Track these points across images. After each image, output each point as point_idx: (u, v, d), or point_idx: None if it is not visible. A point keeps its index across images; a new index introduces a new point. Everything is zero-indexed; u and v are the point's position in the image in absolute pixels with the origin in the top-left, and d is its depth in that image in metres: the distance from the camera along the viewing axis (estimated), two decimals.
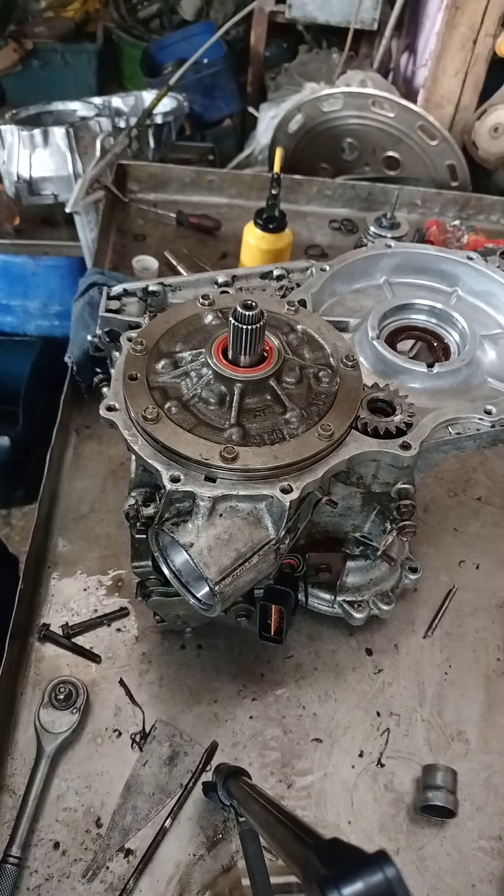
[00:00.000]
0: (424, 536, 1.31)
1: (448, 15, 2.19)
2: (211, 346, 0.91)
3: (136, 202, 2.07)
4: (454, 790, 0.99)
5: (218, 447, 0.83)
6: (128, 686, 1.10)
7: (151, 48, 3.68)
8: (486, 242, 1.77)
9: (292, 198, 2.05)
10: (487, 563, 1.30)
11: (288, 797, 1.02)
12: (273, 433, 0.88)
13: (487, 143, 2.27)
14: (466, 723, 1.10)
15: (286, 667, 1.14)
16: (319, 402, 0.92)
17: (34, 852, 0.95)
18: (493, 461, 1.47)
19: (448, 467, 1.43)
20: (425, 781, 1.01)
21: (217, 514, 0.83)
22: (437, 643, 1.19)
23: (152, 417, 0.86)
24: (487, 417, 0.95)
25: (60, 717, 1.03)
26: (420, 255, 1.18)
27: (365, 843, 0.84)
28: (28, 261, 2.17)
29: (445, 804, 0.97)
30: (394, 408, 0.94)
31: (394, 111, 2.21)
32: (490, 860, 0.99)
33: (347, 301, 1.16)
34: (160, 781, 1.01)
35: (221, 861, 0.96)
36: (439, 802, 0.97)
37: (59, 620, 1.16)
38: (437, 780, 0.99)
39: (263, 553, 0.84)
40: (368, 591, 1.11)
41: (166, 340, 0.97)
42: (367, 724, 1.09)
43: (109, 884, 0.93)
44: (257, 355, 0.90)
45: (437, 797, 0.98)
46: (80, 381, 1.40)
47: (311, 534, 1.04)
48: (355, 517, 1.01)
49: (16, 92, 3.69)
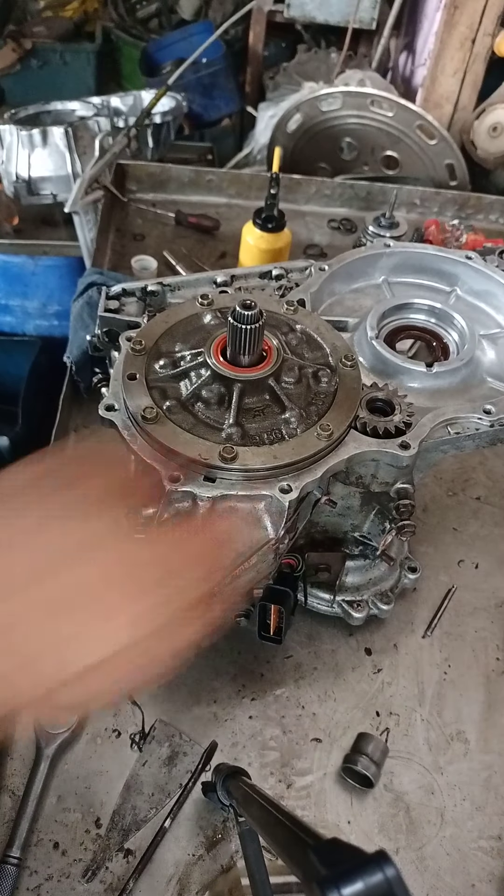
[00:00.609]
0: (424, 536, 1.31)
1: (447, 14, 2.19)
2: (210, 346, 0.91)
3: (135, 202, 2.07)
4: (380, 762, 1.03)
5: (217, 447, 0.83)
6: None
7: (150, 48, 3.68)
8: (484, 242, 1.77)
9: (291, 197, 2.05)
10: (487, 563, 1.30)
11: (287, 797, 1.02)
12: (272, 433, 0.88)
13: (486, 142, 2.27)
14: (466, 722, 1.11)
15: (285, 667, 1.14)
16: (318, 401, 0.92)
17: (34, 852, 0.95)
18: (493, 461, 1.47)
19: (447, 467, 1.43)
20: (356, 747, 1.04)
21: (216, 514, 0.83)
22: (437, 643, 1.19)
23: (151, 417, 0.86)
24: (487, 417, 0.95)
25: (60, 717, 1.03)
26: (419, 255, 1.18)
27: (365, 843, 0.84)
28: (27, 261, 2.17)
29: (365, 771, 1.00)
30: (393, 407, 0.94)
31: (392, 110, 2.21)
32: (490, 860, 0.99)
33: (346, 301, 1.16)
34: (160, 781, 1.01)
35: (221, 861, 0.96)
36: (361, 769, 1.01)
37: None
38: (367, 749, 1.02)
39: (262, 553, 0.84)
40: (368, 590, 1.11)
41: (165, 340, 0.97)
42: (366, 724, 1.09)
43: (109, 884, 0.93)
44: (256, 355, 0.90)
45: (361, 763, 1.01)
46: (79, 381, 1.40)
47: (310, 533, 1.04)
48: (354, 517, 1.01)
49: (14, 92, 3.68)
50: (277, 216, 1.62)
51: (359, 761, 1.01)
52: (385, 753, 1.04)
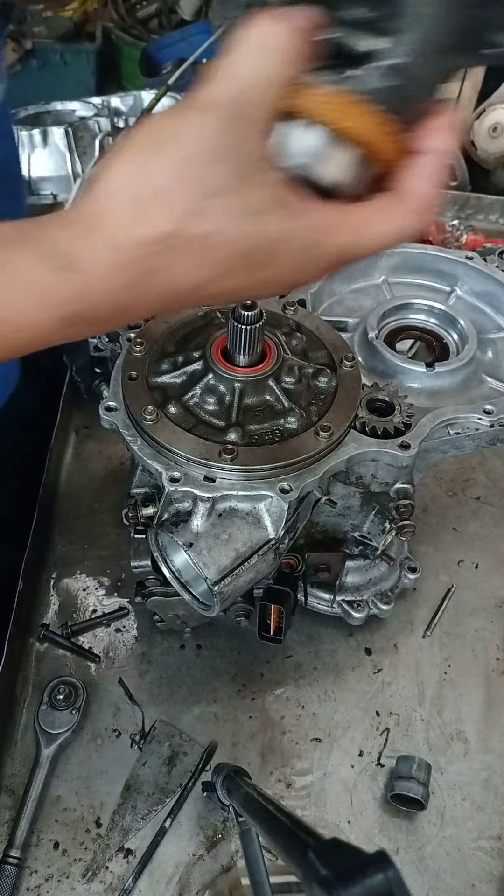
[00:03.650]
0: (423, 536, 1.31)
1: None
2: (210, 346, 0.91)
3: None
4: (426, 782, 0.99)
5: (217, 447, 0.83)
6: (127, 686, 1.10)
7: (150, 48, 3.67)
8: (484, 242, 1.77)
9: None
10: (486, 563, 1.30)
11: (288, 797, 1.02)
12: (272, 433, 0.88)
13: (486, 142, 2.26)
14: (466, 722, 1.10)
15: (285, 666, 1.14)
16: (318, 401, 0.92)
17: (34, 852, 0.95)
18: (492, 461, 1.47)
19: (447, 467, 1.43)
20: (398, 772, 1.00)
21: (216, 514, 0.83)
22: (437, 643, 1.19)
23: (152, 417, 0.86)
24: (486, 417, 0.95)
25: (60, 717, 1.03)
26: (419, 255, 1.18)
27: (365, 843, 0.84)
28: None
29: (417, 796, 0.97)
30: (393, 407, 0.94)
31: None
32: (490, 860, 0.99)
33: (346, 301, 1.16)
34: (160, 781, 1.01)
35: (221, 861, 0.96)
36: (410, 793, 0.97)
37: (59, 620, 1.16)
38: (410, 771, 0.99)
39: (263, 553, 0.84)
40: (367, 590, 1.11)
41: (166, 340, 0.97)
42: (366, 724, 1.09)
43: (109, 884, 0.93)
44: (257, 355, 0.90)
45: (410, 788, 0.97)
46: (79, 381, 1.40)
47: (310, 533, 1.04)
48: (354, 517, 1.01)
49: (14, 92, 3.68)
50: None
51: (411, 788, 0.97)
52: (429, 770, 1.00)
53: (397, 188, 0.57)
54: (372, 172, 0.58)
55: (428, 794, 0.99)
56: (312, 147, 0.55)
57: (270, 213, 0.52)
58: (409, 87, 0.56)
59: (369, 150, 0.56)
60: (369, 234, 0.56)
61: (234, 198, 0.51)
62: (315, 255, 0.55)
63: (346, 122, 0.55)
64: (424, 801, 0.98)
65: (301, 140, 0.55)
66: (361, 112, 0.55)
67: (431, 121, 0.57)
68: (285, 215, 0.53)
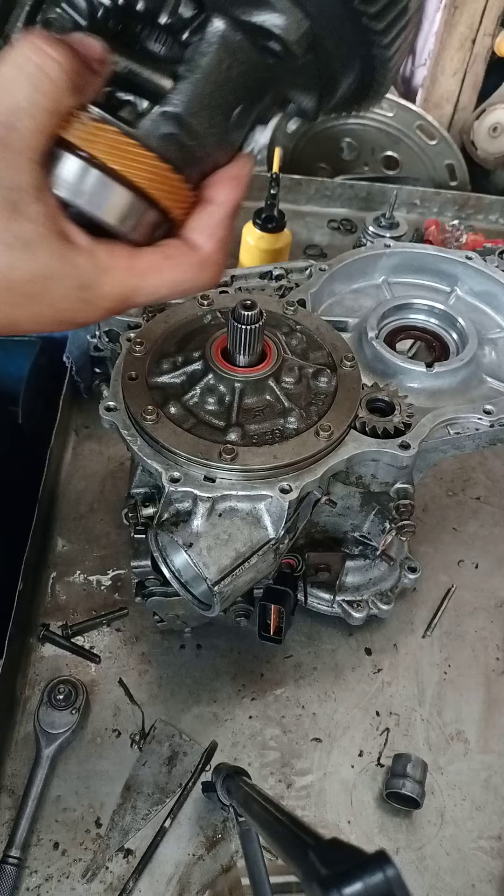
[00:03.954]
0: (423, 536, 1.31)
1: (447, 14, 2.18)
2: (210, 346, 0.91)
3: None
4: (422, 781, 0.99)
5: (217, 447, 0.83)
6: (127, 686, 1.10)
7: None
8: (484, 242, 1.77)
9: (291, 197, 2.05)
10: (486, 563, 1.30)
11: (287, 797, 1.02)
12: (272, 433, 0.88)
13: (486, 142, 2.27)
14: (466, 722, 1.11)
15: (285, 666, 1.14)
16: (318, 401, 0.92)
17: (34, 852, 0.95)
18: (492, 461, 1.47)
19: (447, 467, 1.43)
20: (394, 770, 1.01)
21: (216, 514, 0.83)
22: (437, 643, 1.19)
23: (152, 417, 0.86)
24: (486, 417, 0.95)
25: (60, 717, 1.02)
26: (419, 255, 1.18)
27: (365, 843, 0.84)
28: None
29: (412, 794, 0.97)
30: (393, 407, 0.94)
31: (392, 111, 2.21)
32: (490, 860, 0.99)
33: (346, 301, 1.16)
34: (160, 781, 1.01)
35: (221, 861, 0.96)
36: (405, 791, 0.98)
37: (59, 620, 1.16)
38: (405, 769, 0.99)
39: (263, 553, 0.84)
40: (367, 590, 1.11)
41: (165, 340, 0.97)
42: (366, 724, 1.09)
43: (109, 884, 0.93)
44: (256, 355, 0.90)
45: (404, 786, 0.98)
46: (79, 381, 1.40)
47: (310, 533, 1.04)
48: (354, 517, 1.01)
49: None
50: (277, 216, 1.62)
51: (405, 784, 0.97)
52: (425, 769, 1.01)
53: (185, 237, 0.56)
54: (155, 217, 0.55)
55: (424, 792, 0.99)
56: (88, 186, 0.52)
57: (41, 246, 0.50)
58: (184, 137, 0.53)
59: (144, 196, 0.54)
60: (151, 281, 0.55)
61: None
62: (90, 296, 0.53)
63: (119, 164, 0.52)
64: (420, 800, 0.98)
65: (77, 177, 0.52)
66: (136, 156, 0.52)
67: (220, 172, 0.55)
68: (57, 250, 0.50)
